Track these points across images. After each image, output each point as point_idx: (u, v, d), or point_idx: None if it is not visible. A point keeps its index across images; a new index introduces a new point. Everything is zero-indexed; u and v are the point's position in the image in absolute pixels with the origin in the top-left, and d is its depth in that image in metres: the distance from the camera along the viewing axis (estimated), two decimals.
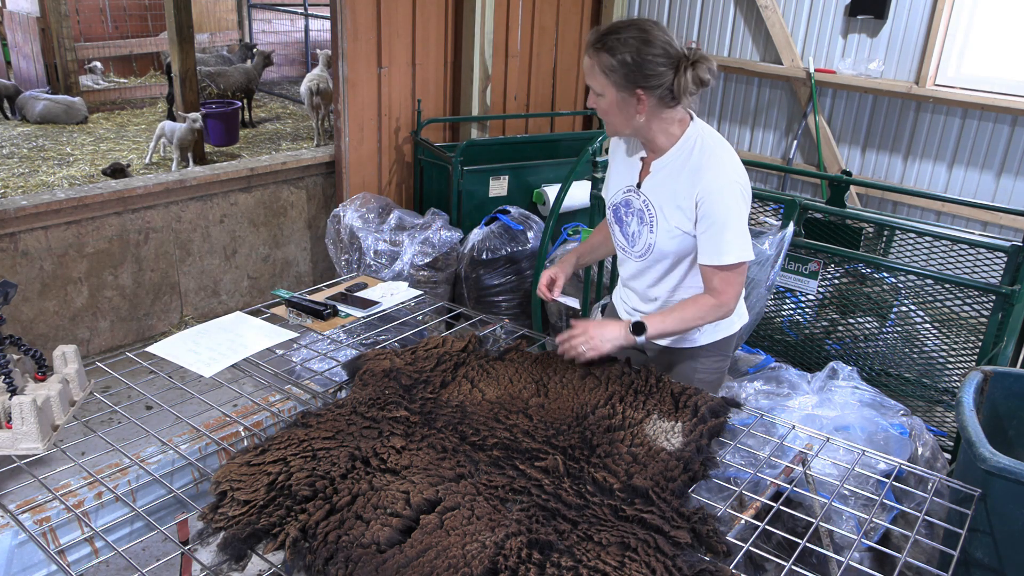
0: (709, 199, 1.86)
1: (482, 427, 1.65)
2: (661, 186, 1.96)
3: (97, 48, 8.39)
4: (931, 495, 1.62)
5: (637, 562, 1.25)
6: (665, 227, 1.95)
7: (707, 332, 2.10)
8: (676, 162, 1.93)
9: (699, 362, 2.13)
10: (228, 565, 1.29)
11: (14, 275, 3.57)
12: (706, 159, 1.90)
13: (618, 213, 2.08)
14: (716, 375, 2.18)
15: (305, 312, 2.24)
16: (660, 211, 1.96)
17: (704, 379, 2.14)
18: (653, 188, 1.98)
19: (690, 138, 1.93)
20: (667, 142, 1.94)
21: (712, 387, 2.17)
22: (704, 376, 2.14)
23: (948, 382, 3.03)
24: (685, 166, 1.91)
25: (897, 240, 3.34)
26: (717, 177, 1.87)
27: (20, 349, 1.74)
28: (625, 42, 1.80)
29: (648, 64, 1.80)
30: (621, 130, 1.93)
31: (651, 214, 1.98)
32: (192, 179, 4.09)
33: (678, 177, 1.92)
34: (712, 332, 2.11)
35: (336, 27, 4.14)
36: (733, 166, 1.90)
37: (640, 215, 2.00)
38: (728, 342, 2.16)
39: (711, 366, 2.15)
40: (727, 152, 1.92)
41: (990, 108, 4.21)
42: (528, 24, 5.02)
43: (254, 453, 1.52)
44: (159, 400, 1.87)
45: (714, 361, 2.15)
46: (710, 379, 2.16)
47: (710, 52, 5.35)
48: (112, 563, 2.47)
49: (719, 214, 1.86)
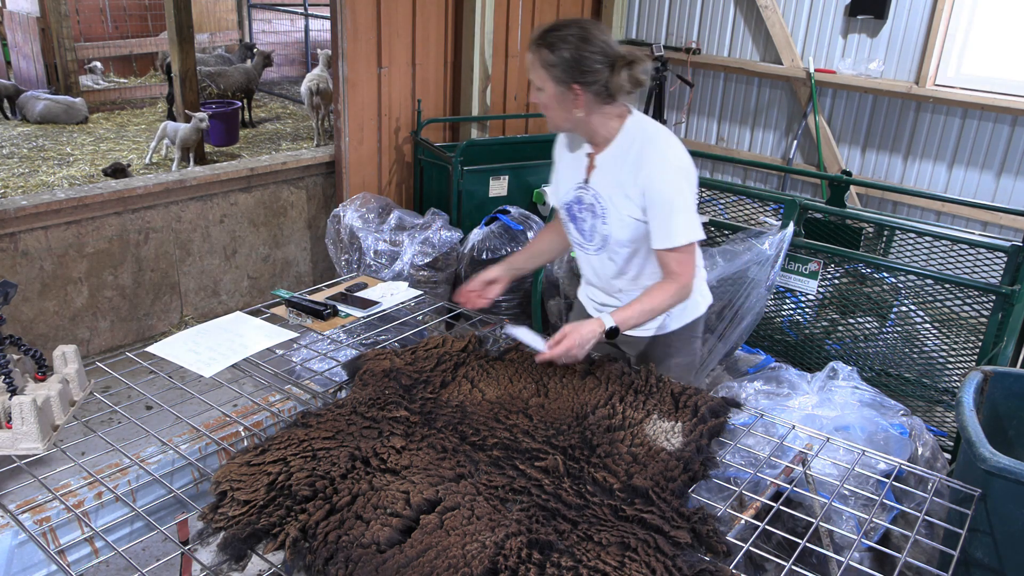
0: (654, 186, 1.93)
1: (482, 427, 1.65)
2: (607, 178, 2.02)
3: (97, 48, 8.39)
4: (931, 495, 1.62)
5: (637, 562, 1.25)
6: (616, 216, 2.01)
7: (676, 318, 2.17)
8: (619, 153, 2.00)
9: (673, 348, 2.20)
10: (228, 565, 1.29)
11: (14, 275, 3.57)
12: (648, 148, 1.96)
13: (571, 211, 2.13)
14: (691, 357, 2.26)
15: (305, 312, 2.24)
16: (610, 201, 2.02)
17: (680, 363, 2.21)
18: (600, 180, 2.04)
19: (629, 129, 2.00)
20: (608, 135, 2.01)
21: (689, 369, 2.25)
22: (680, 360, 2.21)
23: (948, 382, 3.03)
24: (628, 156, 1.98)
25: (897, 240, 3.34)
26: (660, 164, 1.93)
27: (20, 349, 1.74)
28: (566, 39, 1.87)
29: (585, 61, 1.87)
30: (561, 124, 2.00)
31: (602, 206, 2.04)
32: (192, 179, 4.09)
33: (622, 167, 1.99)
34: (680, 317, 2.18)
35: (336, 27, 4.14)
36: (675, 152, 1.97)
37: (592, 209, 2.06)
38: (697, 324, 2.23)
39: (685, 349, 2.22)
40: (668, 139, 1.99)
41: (990, 108, 4.21)
42: (528, 24, 5.02)
43: (254, 453, 1.52)
44: (159, 400, 1.87)
45: (687, 343, 2.23)
46: (685, 362, 2.23)
47: (710, 52, 5.35)
48: (112, 563, 2.47)
49: (666, 199, 1.93)
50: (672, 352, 2.20)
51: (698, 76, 5.46)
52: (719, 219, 3.51)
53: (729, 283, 3.11)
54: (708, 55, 5.35)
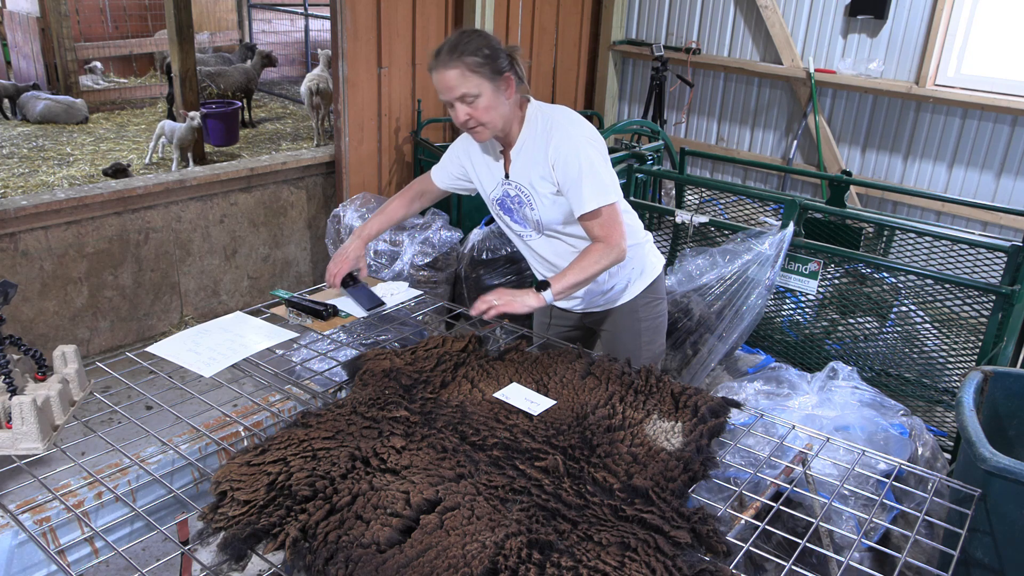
0: (562, 159, 2.03)
1: (482, 427, 1.65)
2: (524, 167, 2.13)
3: (97, 48, 8.38)
4: (931, 495, 1.62)
5: (637, 562, 1.25)
6: (541, 200, 2.12)
7: (634, 283, 2.29)
8: (529, 141, 2.11)
9: (640, 311, 2.31)
10: (228, 565, 1.29)
11: (14, 275, 3.57)
12: (551, 126, 2.07)
13: (504, 204, 2.23)
14: (659, 319, 2.38)
15: (305, 312, 2.24)
16: (532, 188, 2.12)
17: (650, 326, 2.33)
18: (519, 171, 2.15)
19: (532, 115, 2.11)
20: (517, 127, 2.12)
21: (658, 332, 2.37)
22: (649, 323, 2.33)
23: (948, 382, 3.03)
24: (537, 140, 2.09)
25: (897, 240, 3.34)
26: (564, 137, 2.04)
27: (20, 349, 1.74)
28: (471, 42, 1.97)
29: (498, 52, 1.99)
30: (496, 126, 2.05)
31: (527, 194, 2.15)
32: (192, 179, 4.09)
33: (534, 151, 2.09)
34: (639, 282, 2.30)
35: (336, 27, 4.14)
36: (577, 124, 2.07)
37: (519, 200, 2.17)
38: (658, 284, 2.35)
39: (651, 312, 2.34)
40: (568, 114, 2.10)
41: (990, 108, 4.21)
42: (528, 24, 5.02)
43: (254, 453, 1.52)
44: (159, 400, 1.87)
45: (653, 307, 2.34)
46: (655, 324, 2.35)
47: (710, 52, 5.35)
48: (112, 563, 2.47)
49: (573, 168, 2.02)
50: (640, 317, 2.31)
51: (698, 76, 5.46)
52: (719, 219, 3.51)
53: (729, 283, 3.11)
54: (708, 55, 5.35)
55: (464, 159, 2.31)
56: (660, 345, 2.42)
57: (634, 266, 2.30)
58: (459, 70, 1.95)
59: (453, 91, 1.98)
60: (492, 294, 2.05)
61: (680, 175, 3.98)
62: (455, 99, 1.99)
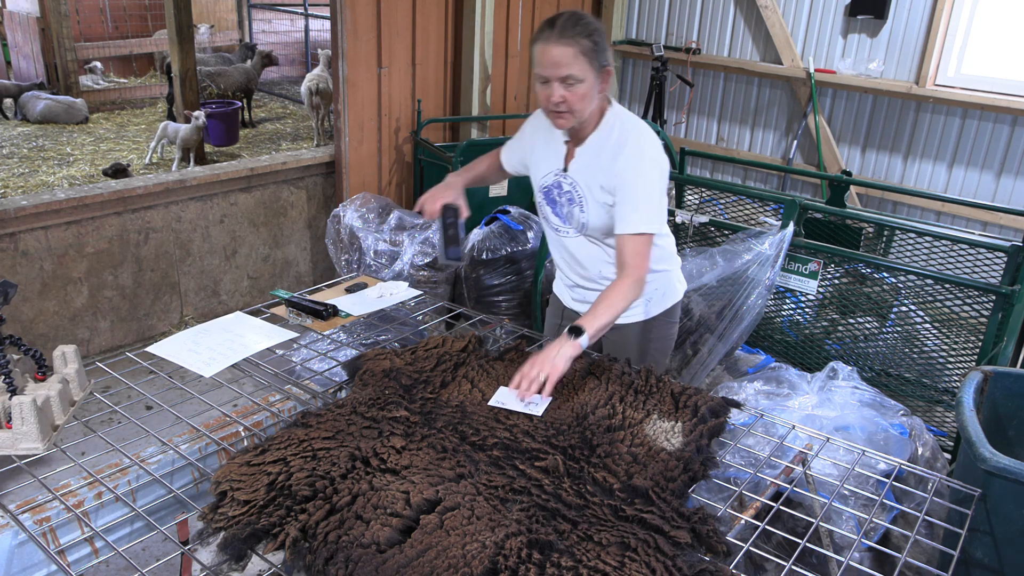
0: (626, 174, 1.97)
1: (482, 427, 1.65)
2: (586, 168, 2.06)
3: (97, 48, 8.38)
4: (931, 495, 1.62)
5: (637, 562, 1.25)
6: (594, 205, 2.06)
7: (656, 303, 2.23)
8: (597, 144, 2.04)
9: (653, 332, 2.25)
10: (228, 565, 1.29)
11: (14, 275, 3.57)
12: (626, 138, 2.01)
13: (550, 195, 2.16)
14: (668, 340, 2.32)
15: (305, 312, 2.24)
16: (587, 191, 2.06)
17: (658, 347, 2.28)
18: (579, 171, 2.07)
19: (609, 121, 2.04)
20: (592, 126, 2.05)
21: (664, 353, 2.32)
22: (658, 345, 2.28)
23: (948, 382, 3.03)
24: (606, 147, 2.02)
25: (897, 240, 3.34)
26: (637, 154, 1.98)
27: (20, 349, 1.74)
28: (590, 25, 1.90)
29: (606, 44, 1.94)
30: (582, 117, 1.99)
31: (580, 194, 2.08)
32: (192, 179, 4.09)
33: (600, 156, 2.03)
34: (660, 303, 2.24)
35: (336, 27, 4.14)
36: (653, 146, 2.01)
37: (570, 197, 2.10)
38: (676, 309, 2.30)
39: (663, 333, 2.28)
40: (647, 133, 2.03)
41: (990, 108, 4.21)
42: (528, 24, 5.02)
43: (254, 453, 1.52)
44: (159, 400, 1.87)
45: (665, 328, 2.29)
46: (662, 346, 2.30)
47: (710, 52, 5.35)
48: (112, 563, 2.47)
49: (635, 187, 1.97)
50: (652, 336, 2.26)
51: (698, 76, 5.46)
52: (719, 219, 3.51)
53: (729, 283, 3.11)
54: (708, 55, 5.35)
55: (530, 140, 2.22)
56: (663, 366, 2.36)
57: (657, 287, 2.23)
58: (574, 50, 1.86)
59: (559, 69, 1.87)
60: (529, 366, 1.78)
61: (680, 175, 3.98)
62: (558, 78, 1.88)
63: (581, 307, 2.30)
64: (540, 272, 3.79)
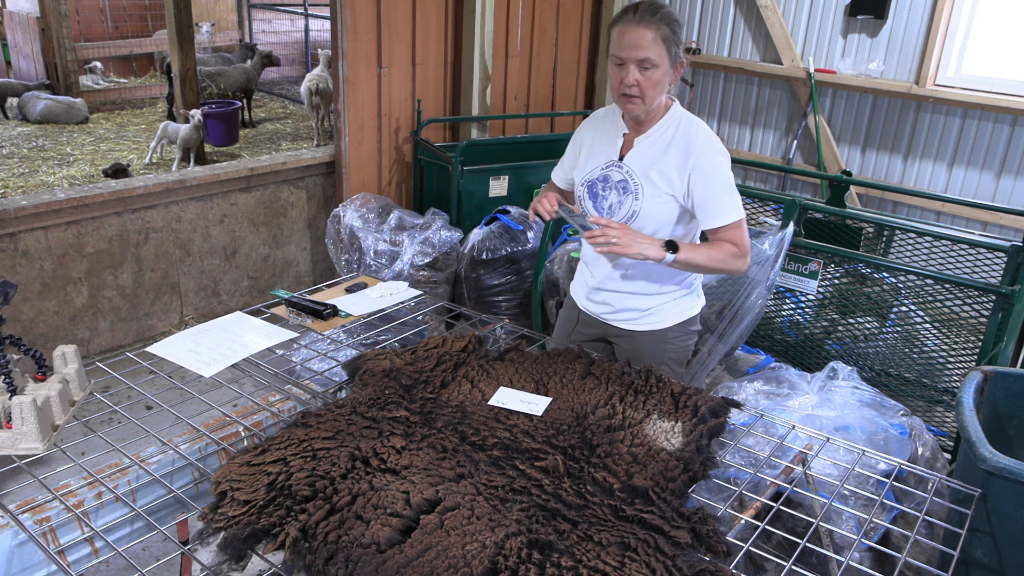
0: (704, 170, 2.02)
1: (482, 427, 1.65)
2: (645, 157, 2.09)
3: (97, 48, 8.38)
4: (931, 495, 1.62)
5: (637, 562, 1.25)
6: (652, 193, 2.07)
7: (674, 314, 2.23)
8: (662, 136, 2.08)
9: (669, 343, 2.26)
10: (228, 565, 1.29)
11: (14, 275, 3.57)
12: (694, 135, 2.05)
13: (594, 189, 2.17)
14: (684, 352, 2.33)
15: (305, 312, 2.24)
16: (645, 178, 2.07)
17: (673, 357, 2.29)
18: (637, 159, 2.10)
19: (674, 115, 2.10)
20: (655, 118, 2.09)
21: (680, 363, 2.33)
22: (673, 355, 2.29)
23: (948, 382, 3.03)
24: (672, 140, 2.06)
25: (897, 240, 3.34)
26: (708, 150, 2.03)
27: (20, 349, 1.74)
28: (672, 14, 1.96)
29: (681, 35, 1.98)
30: (651, 105, 2.02)
31: (635, 183, 2.09)
32: (192, 179, 4.09)
33: (666, 149, 2.06)
34: (679, 313, 2.24)
35: (336, 27, 4.14)
36: (717, 143, 2.08)
37: (623, 186, 2.11)
38: (694, 320, 2.29)
39: (679, 344, 2.29)
40: (708, 129, 2.11)
41: (990, 108, 4.21)
42: (528, 24, 5.02)
43: (254, 453, 1.52)
44: (159, 400, 1.87)
45: (682, 340, 2.29)
46: (678, 356, 2.31)
47: (710, 52, 5.35)
48: (112, 563, 2.47)
49: (717, 181, 2.02)
50: (667, 348, 2.27)
51: (698, 76, 5.46)
52: None
53: (729, 283, 3.11)
54: (708, 55, 5.35)
55: (578, 144, 2.26)
56: (679, 376, 2.36)
57: (677, 297, 2.24)
58: (656, 34, 1.91)
59: (639, 51, 1.92)
60: (614, 228, 1.96)
61: None
62: (636, 60, 1.93)
63: (597, 308, 2.31)
64: (540, 272, 3.79)
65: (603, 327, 2.33)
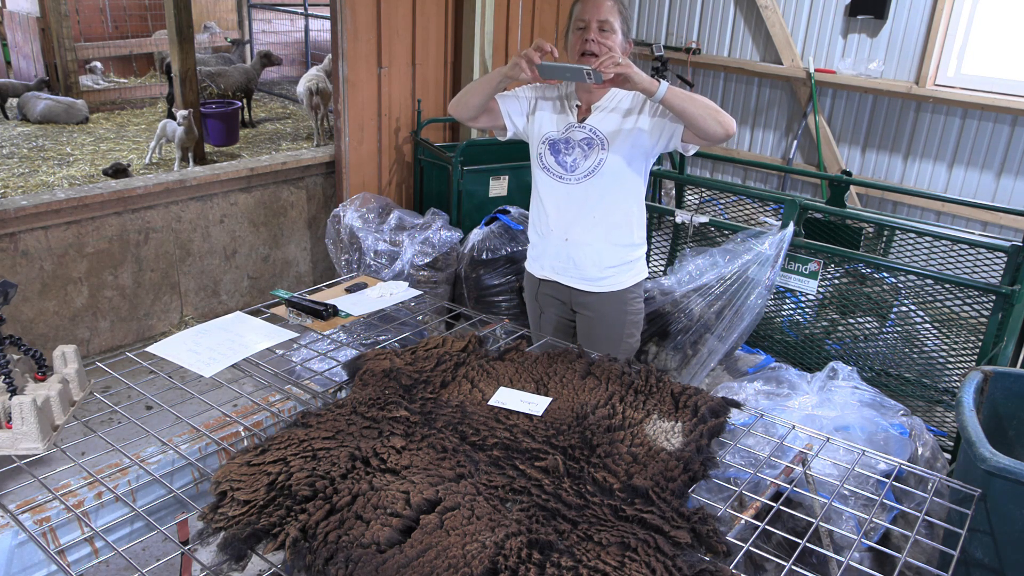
0: None
1: (482, 427, 1.65)
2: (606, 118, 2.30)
3: (97, 48, 8.38)
4: (931, 495, 1.62)
5: (637, 562, 1.25)
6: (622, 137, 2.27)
7: (628, 275, 2.46)
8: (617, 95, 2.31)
9: (627, 304, 2.49)
10: (228, 565, 1.29)
11: (14, 275, 3.57)
12: None
13: (555, 146, 2.36)
14: (640, 315, 2.57)
15: (305, 312, 2.24)
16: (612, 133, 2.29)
17: (633, 320, 2.52)
18: (599, 120, 2.31)
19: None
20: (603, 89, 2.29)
21: (637, 327, 2.56)
22: (633, 317, 2.52)
23: (948, 382, 3.03)
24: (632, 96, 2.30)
25: (897, 240, 3.34)
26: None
27: (20, 349, 1.74)
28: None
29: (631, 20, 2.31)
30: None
31: (600, 137, 2.30)
32: (192, 179, 4.09)
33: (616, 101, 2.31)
34: (632, 276, 2.47)
35: (336, 27, 4.14)
36: None
37: (587, 142, 2.31)
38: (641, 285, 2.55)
39: (636, 307, 2.53)
40: None
41: (990, 108, 4.21)
42: (528, 24, 5.02)
43: (254, 453, 1.52)
44: (159, 400, 1.87)
45: (637, 302, 2.53)
46: (637, 319, 2.55)
47: (710, 52, 5.35)
48: (112, 563, 2.47)
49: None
50: (627, 310, 2.50)
51: (698, 76, 5.46)
52: (719, 219, 3.51)
53: (729, 283, 3.11)
54: (708, 55, 5.35)
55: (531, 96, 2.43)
56: (637, 340, 2.59)
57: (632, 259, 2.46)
58: (613, 4, 2.23)
59: (600, 12, 2.21)
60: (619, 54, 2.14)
61: (680, 175, 3.98)
62: (597, 20, 2.21)
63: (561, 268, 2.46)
64: None
65: (565, 291, 2.51)
